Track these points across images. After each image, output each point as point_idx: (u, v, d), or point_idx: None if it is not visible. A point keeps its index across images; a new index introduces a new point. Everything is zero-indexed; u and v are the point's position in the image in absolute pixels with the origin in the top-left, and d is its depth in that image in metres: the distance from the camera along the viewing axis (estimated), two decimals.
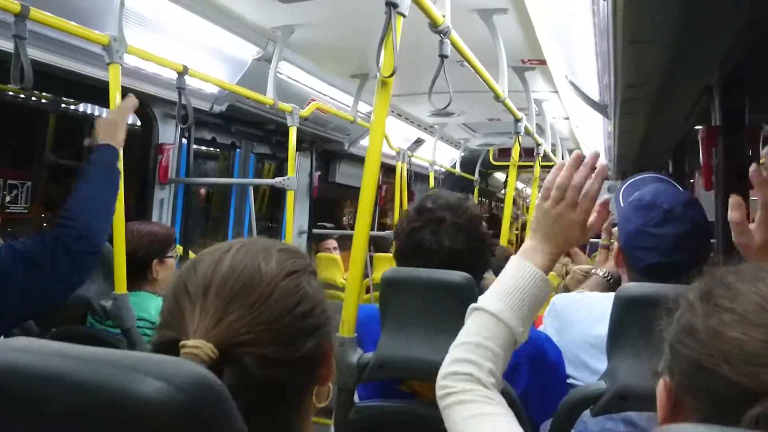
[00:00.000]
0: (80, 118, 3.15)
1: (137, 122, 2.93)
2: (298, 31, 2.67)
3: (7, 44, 1.84)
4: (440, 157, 5.36)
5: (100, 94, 2.35)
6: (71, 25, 1.86)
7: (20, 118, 2.82)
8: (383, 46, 1.30)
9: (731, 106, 1.91)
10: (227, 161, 3.91)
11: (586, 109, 3.21)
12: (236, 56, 2.81)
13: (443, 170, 5.74)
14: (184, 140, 3.08)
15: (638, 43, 1.55)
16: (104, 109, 2.94)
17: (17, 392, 0.44)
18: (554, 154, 4.81)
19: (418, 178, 5.86)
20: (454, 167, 5.95)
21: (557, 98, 3.80)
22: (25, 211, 2.51)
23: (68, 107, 3.04)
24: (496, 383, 0.86)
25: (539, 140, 3.48)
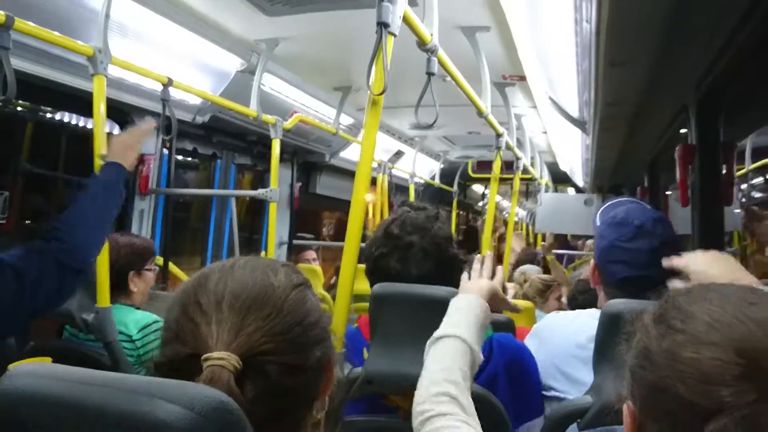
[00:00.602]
0: (58, 126, 3.11)
1: (114, 131, 2.91)
2: (282, 44, 2.68)
3: None
4: (420, 168, 5.40)
5: (82, 103, 2.34)
6: (56, 35, 1.84)
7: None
8: (374, 64, 1.32)
9: (706, 125, 1.96)
10: (207, 171, 3.89)
11: (564, 123, 3.27)
12: (220, 68, 2.81)
13: (423, 182, 5.78)
14: (165, 150, 3.06)
15: (619, 65, 1.60)
16: (89, 119, 2.92)
17: (37, 419, 0.44)
18: (533, 167, 4.88)
19: (398, 189, 5.89)
20: (433, 179, 6.00)
21: (536, 113, 3.87)
22: (3, 220, 2.46)
23: (45, 115, 2.99)
24: (470, 404, 0.88)
25: (519, 154, 3.53)
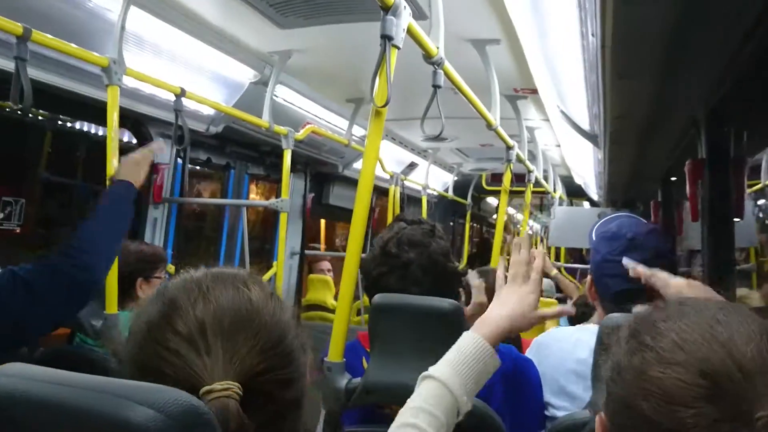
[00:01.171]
0: (75, 135, 3.17)
1: (133, 140, 2.96)
2: (295, 56, 2.71)
3: (5, 62, 1.88)
4: (433, 181, 5.40)
5: (97, 113, 2.38)
6: (71, 47, 1.89)
7: (15, 134, 2.84)
8: (377, 76, 1.34)
9: (716, 139, 1.95)
10: (221, 182, 3.93)
11: (576, 137, 3.26)
12: (234, 79, 2.85)
13: (436, 194, 5.77)
14: (179, 160, 3.10)
15: (626, 78, 1.60)
16: (100, 127, 2.98)
17: (16, 419, 0.46)
18: (546, 180, 4.86)
19: (410, 201, 5.90)
20: (446, 191, 5.99)
21: (549, 126, 3.86)
22: (17, 228, 2.51)
23: (64, 124, 3.06)
24: None
25: (531, 167, 3.53)
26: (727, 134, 1.93)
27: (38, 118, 2.85)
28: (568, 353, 1.34)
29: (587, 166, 4.45)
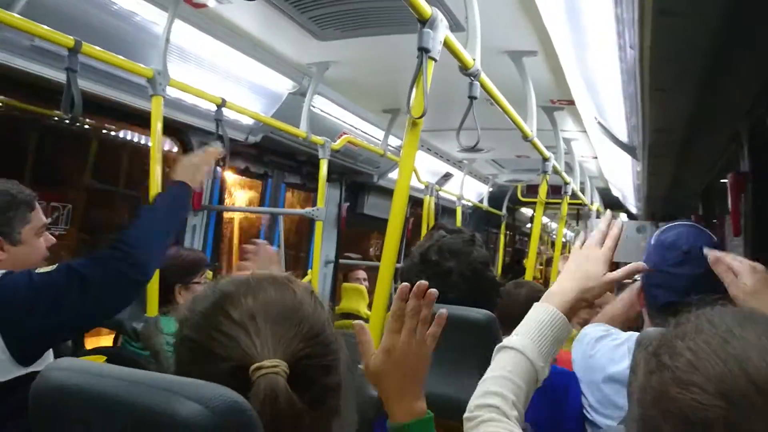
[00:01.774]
0: (119, 143, 3.27)
1: (174, 148, 3.04)
2: (332, 67, 2.76)
3: (51, 72, 1.96)
4: (468, 191, 5.38)
5: (140, 121, 2.46)
6: (119, 58, 1.96)
7: (63, 142, 2.95)
8: (414, 88, 1.36)
9: (759, 152, 1.91)
10: (258, 190, 4.00)
11: (614, 149, 3.22)
12: (273, 90, 2.91)
13: (470, 205, 5.75)
14: (217, 169, 3.17)
15: (664, 90, 1.58)
16: (143, 135, 3.07)
17: (71, 410, 0.49)
18: (582, 192, 4.80)
19: (445, 211, 5.89)
20: (481, 202, 5.97)
21: (586, 138, 3.82)
22: (64, 232, 2.60)
23: (109, 133, 3.16)
24: (518, 416, 0.88)
25: (567, 179, 3.50)
26: None
27: (84, 126, 2.96)
28: (611, 361, 1.32)
29: (625, 178, 4.39)
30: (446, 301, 1.28)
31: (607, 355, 1.36)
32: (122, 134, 3.19)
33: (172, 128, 2.75)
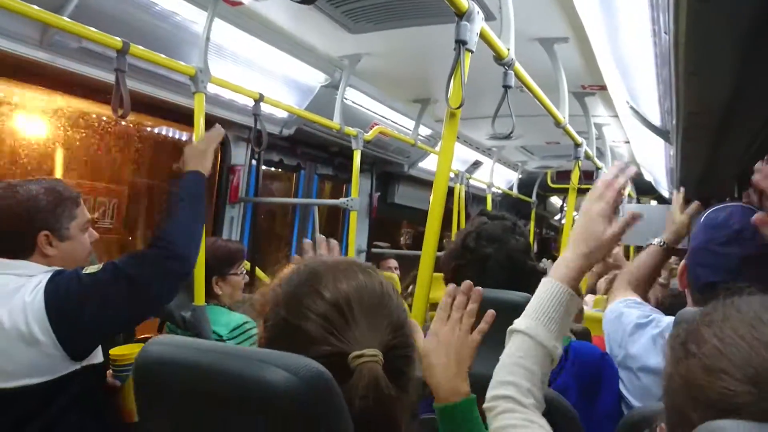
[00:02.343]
0: (161, 141, 3.37)
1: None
2: (364, 59, 2.80)
3: (98, 72, 2.03)
4: (497, 179, 5.38)
5: (179, 117, 2.53)
6: (164, 58, 2.03)
7: (109, 139, 3.05)
8: (452, 79, 1.39)
9: None
10: (291, 182, 4.07)
11: (646, 133, 3.20)
12: (306, 83, 2.97)
13: (500, 192, 5.75)
14: (253, 161, 3.24)
15: (700, 75, 1.58)
16: (184, 133, 3.15)
17: (169, 378, 0.55)
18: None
19: (475, 199, 5.90)
20: (511, 189, 5.97)
21: (617, 122, 3.80)
22: (110, 226, 2.71)
23: (152, 130, 3.26)
24: (535, 403, 0.87)
25: (599, 164, 3.49)
26: None
27: (129, 124, 3.06)
28: (649, 352, 1.31)
29: (658, 162, 4.34)
30: (484, 285, 1.31)
31: (646, 345, 1.35)
32: (163, 131, 3.28)
33: (210, 123, 2.81)
